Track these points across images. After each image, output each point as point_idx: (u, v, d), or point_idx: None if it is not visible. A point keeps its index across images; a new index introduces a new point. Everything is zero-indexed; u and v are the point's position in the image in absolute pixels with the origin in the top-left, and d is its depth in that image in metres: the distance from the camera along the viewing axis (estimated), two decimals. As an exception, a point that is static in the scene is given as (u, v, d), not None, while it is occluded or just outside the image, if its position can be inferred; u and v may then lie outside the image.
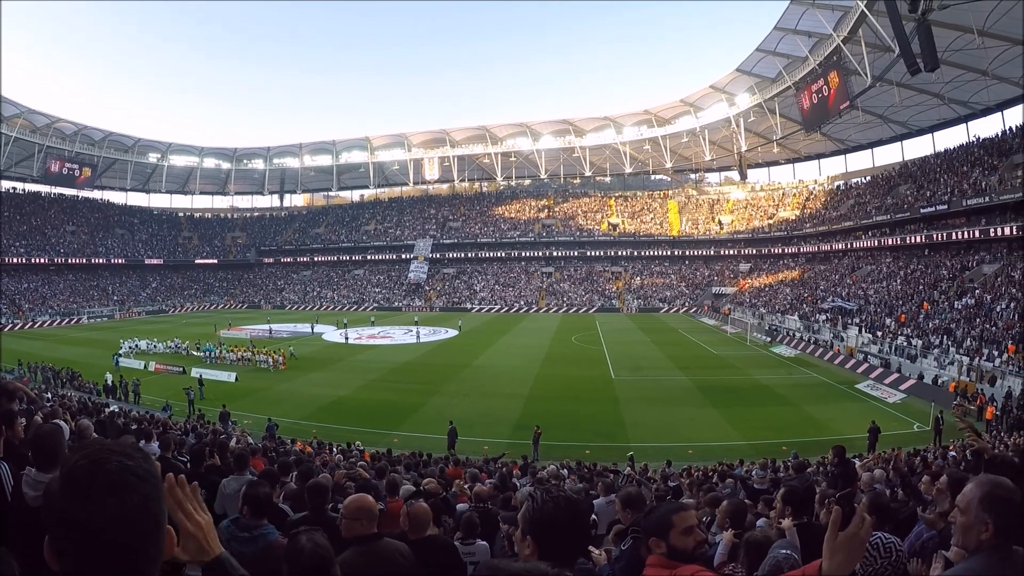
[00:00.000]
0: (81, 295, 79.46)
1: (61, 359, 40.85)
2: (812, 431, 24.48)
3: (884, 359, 34.68)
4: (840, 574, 1.91)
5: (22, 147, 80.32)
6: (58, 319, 70.61)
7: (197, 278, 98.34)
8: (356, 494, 4.25)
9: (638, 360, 41.19)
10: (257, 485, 4.72)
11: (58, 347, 49.35)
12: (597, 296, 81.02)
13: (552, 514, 2.34)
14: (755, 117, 70.32)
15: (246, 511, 4.40)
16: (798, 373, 36.80)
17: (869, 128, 65.31)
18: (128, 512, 1.15)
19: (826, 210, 70.85)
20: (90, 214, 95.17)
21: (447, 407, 29.26)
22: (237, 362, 41.59)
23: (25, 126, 78.54)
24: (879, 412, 27.05)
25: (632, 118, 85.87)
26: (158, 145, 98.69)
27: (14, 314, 67.68)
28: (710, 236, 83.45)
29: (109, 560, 1.15)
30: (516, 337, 54.47)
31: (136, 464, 1.21)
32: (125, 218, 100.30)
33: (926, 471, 9.30)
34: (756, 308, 59.01)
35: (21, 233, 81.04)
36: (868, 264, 54.74)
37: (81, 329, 65.40)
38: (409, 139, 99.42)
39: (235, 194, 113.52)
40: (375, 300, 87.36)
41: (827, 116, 55.71)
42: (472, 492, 9.18)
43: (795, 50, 56.71)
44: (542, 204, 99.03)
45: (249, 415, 27.94)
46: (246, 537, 4.16)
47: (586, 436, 24.47)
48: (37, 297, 74.38)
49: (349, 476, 10.78)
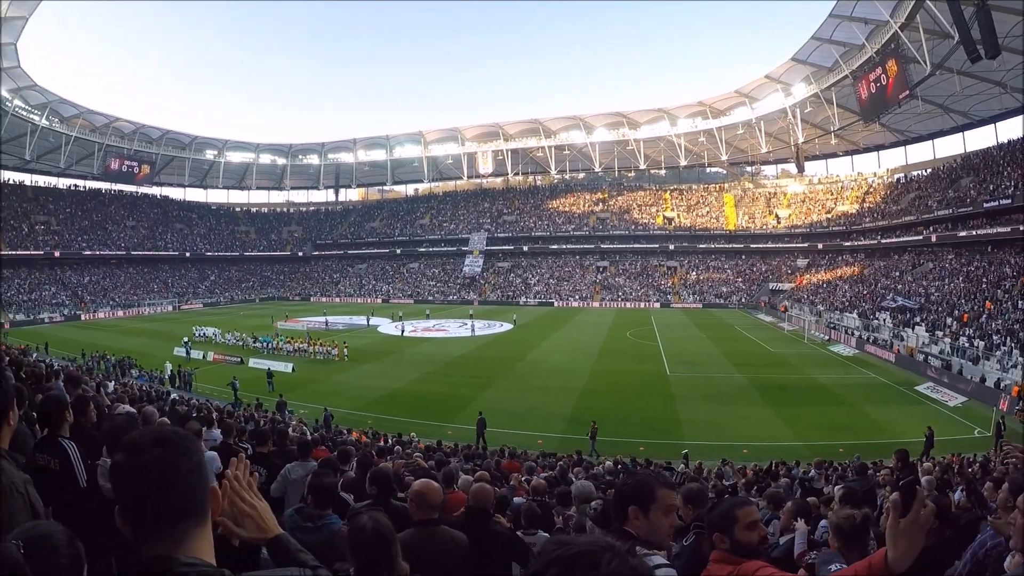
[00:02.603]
0: (141, 288, 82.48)
1: (122, 349, 42.54)
2: (870, 433, 24.13)
3: (945, 360, 33.92)
4: (905, 560, 1.95)
5: (82, 146, 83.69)
6: (119, 310, 73.43)
7: (254, 271, 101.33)
8: (422, 479, 4.46)
9: (693, 356, 40.99)
10: (322, 475, 4.79)
11: (119, 337, 51.29)
12: (652, 291, 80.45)
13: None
14: (812, 108, 68.91)
15: (311, 501, 4.48)
16: (856, 373, 36.26)
17: (929, 118, 63.21)
18: (171, 456, 1.43)
19: (886, 204, 69.22)
20: (149, 209, 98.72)
21: (501, 400, 29.71)
22: (293, 353, 42.61)
23: (85, 126, 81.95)
24: (939, 415, 26.69)
25: (686, 110, 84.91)
26: (214, 142, 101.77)
27: (76, 305, 70.84)
28: (767, 230, 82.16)
29: (162, 499, 1.41)
30: (570, 331, 54.69)
31: (177, 430, 1.55)
32: (183, 213, 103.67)
33: (987, 477, 9.35)
34: (814, 305, 58.18)
35: (83, 228, 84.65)
36: (929, 261, 53.24)
37: (141, 320, 67.93)
38: (462, 133, 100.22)
39: (291, 189, 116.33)
40: (430, 293, 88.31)
41: (886, 106, 54.52)
42: (530, 486, 9.50)
43: (852, 38, 55.43)
44: (596, 198, 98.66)
45: (305, 405, 28.73)
46: (310, 527, 4.24)
47: (640, 432, 24.49)
48: (99, 289, 77.60)
49: (408, 466, 11.03)
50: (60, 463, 3.86)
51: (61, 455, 3.89)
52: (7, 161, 79.29)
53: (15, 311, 64.60)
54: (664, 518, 2.56)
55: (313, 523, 4.24)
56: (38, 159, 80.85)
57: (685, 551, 3.55)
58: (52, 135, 78.28)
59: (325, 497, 4.43)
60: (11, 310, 64.33)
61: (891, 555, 1.95)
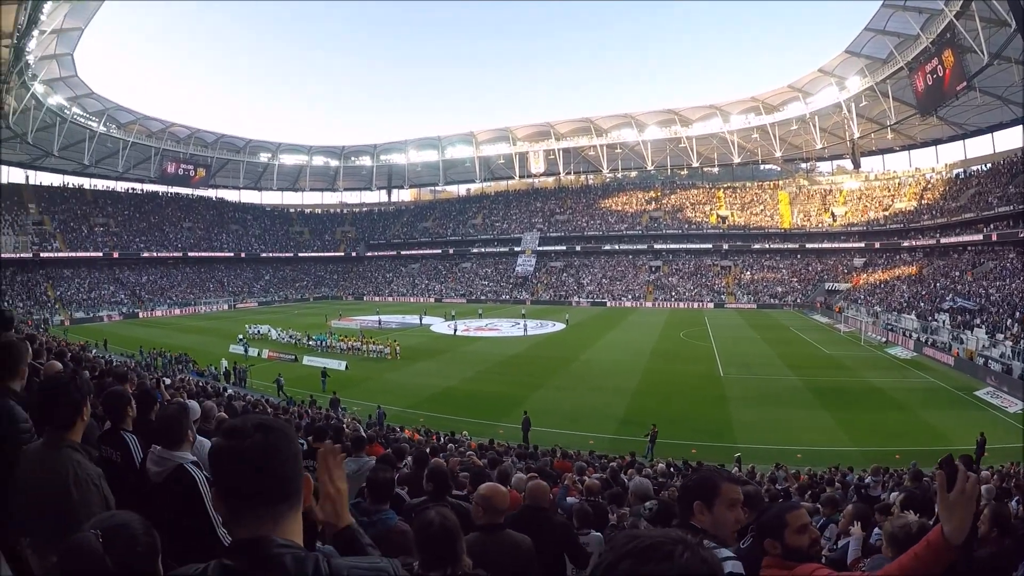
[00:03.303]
0: (197, 287, 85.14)
1: (179, 346, 43.96)
2: (926, 439, 23.64)
3: (1005, 364, 33.26)
4: (961, 532, 2.03)
5: (139, 151, 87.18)
6: (176, 308, 76.22)
7: (308, 271, 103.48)
8: (489, 483, 4.53)
9: (747, 358, 40.70)
10: (380, 470, 4.77)
11: (176, 335, 53.03)
12: (706, 291, 79.80)
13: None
14: (867, 101, 67.85)
15: (368, 495, 4.46)
16: (913, 376, 35.67)
17: (988, 111, 61.34)
18: (272, 442, 1.52)
19: (944, 200, 67.52)
20: (205, 211, 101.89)
21: (553, 400, 29.97)
22: (347, 351, 43.51)
23: (141, 131, 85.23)
24: (998, 421, 26.28)
25: (739, 106, 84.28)
26: (268, 145, 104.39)
27: (135, 303, 73.92)
28: (822, 229, 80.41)
29: (261, 482, 1.51)
30: (623, 332, 54.76)
31: (277, 419, 1.68)
32: (238, 214, 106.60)
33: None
34: (870, 306, 57.24)
35: (141, 230, 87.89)
36: (990, 260, 52.02)
37: (197, 318, 70.10)
38: (514, 133, 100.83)
39: (344, 190, 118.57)
40: (482, 293, 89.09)
41: (943, 98, 53.56)
42: (583, 486, 9.61)
43: (906, 28, 54.43)
44: (649, 196, 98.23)
45: (358, 403, 29.31)
46: (366, 522, 4.16)
47: (692, 435, 24.40)
48: (156, 288, 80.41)
49: (463, 464, 11.13)
50: (122, 456, 4.04)
51: (123, 448, 4.07)
52: (67, 166, 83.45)
53: (75, 309, 67.83)
54: (729, 512, 2.60)
55: (368, 517, 4.23)
56: (96, 164, 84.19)
57: (742, 553, 3.48)
58: (110, 140, 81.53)
59: (383, 492, 4.44)
60: (71, 308, 67.62)
61: (947, 529, 2.05)
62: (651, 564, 1.12)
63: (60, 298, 69.29)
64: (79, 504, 2.75)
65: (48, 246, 74.61)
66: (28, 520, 2.83)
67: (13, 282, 66.97)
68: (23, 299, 63.75)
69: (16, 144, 69.55)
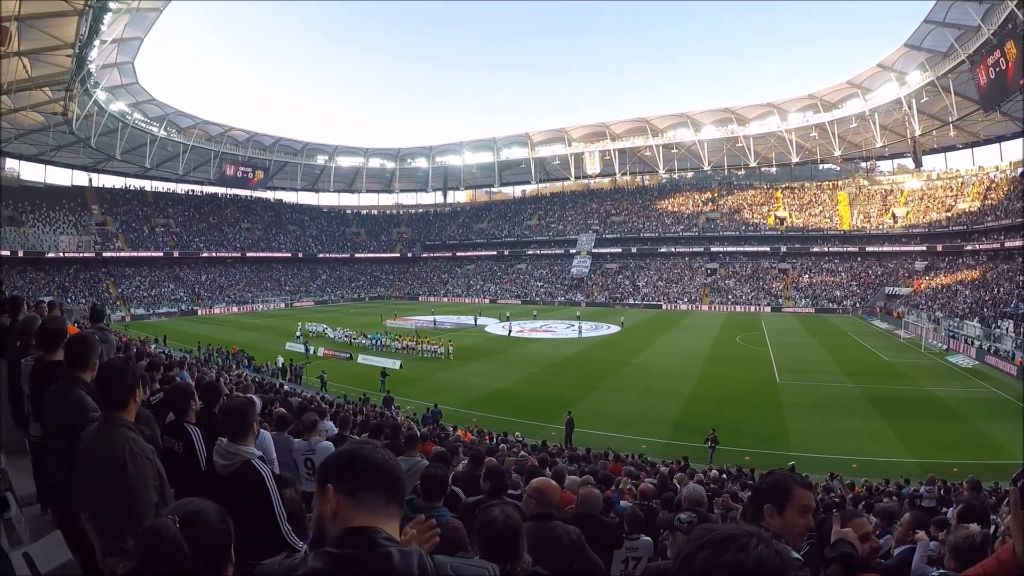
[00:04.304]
0: (255, 285, 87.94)
1: (236, 342, 45.54)
2: (987, 452, 23.18)
3: (1071, 374, 32.69)
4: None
5: (199, 154, 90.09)
6: (234, 306, 78.97)
7: (364, 271, 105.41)
8: (542, 478, 4.69)
9: (804, 364, 40.25)
10: (434, 467, 4.82)
11: (233, 332, 54.72)
12: (763, 294, 79.03)
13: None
14: (928, 97, 65.68)
15: (421, 492, 4.49)
16: (975, 386, 34.87)
17: None
18: (387, 459, 1.74)
19: (1009, 200, 65.39)
20: (263, 212, 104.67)
21: (606, 403, 30.22)
22: (402, 351, 44.13)
23: (201, 135, 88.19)
24: (1062, 435, 25.90)
25: (796, 103, 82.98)
26: (325, 148, 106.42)
27: (194, 301, 76.94)
28: (883, 230, 78.66)
29: (390, 483, 1.71)
30: (678, 335, 54.75)
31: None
32: (296, 215, 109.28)
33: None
34: (932, 311, 56.15)
35: (200, 230, 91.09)
36: (1057, 263, 50.76)
37: (255, 316, 72.46)
38: (569, 133, 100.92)
39: (400, 192, 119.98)
40: (537, 294, 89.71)
41: (1007, 92, 51.85)
42: (638, 490, 9.64)
43: (966, 19, 53.00)
44: (705, 197, 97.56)
45: (412, 401, 29.76)
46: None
47: (747, 441, 24.19)
48: (215, 287, 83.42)
49: (518, 463, 11.30)
50: (184, 447, 4.20)
51: (186, 439, 4.22)
52: (129, 169, 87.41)
53: (135, 306, 70.96)
54: (800, 518, 2.57)
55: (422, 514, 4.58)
56: (157, 167, 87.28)
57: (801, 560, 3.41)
58: (170, 144, 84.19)
59: (436, 489, 4.47)
60: (131, 304, 70.73)
61: (1019, 548, 2.00)
62: (728, 554, 1.18)
63: (122, 295, 72.42)
64: (135, 477, 2.97)
65: (110, 245, 78.01)
66: (89, 496, 3.08)
67: (76, 280, 70.62)
68: (86, 296, 66.41)
69: (80, 148, 73.13)
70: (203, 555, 1.71)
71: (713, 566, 1.18)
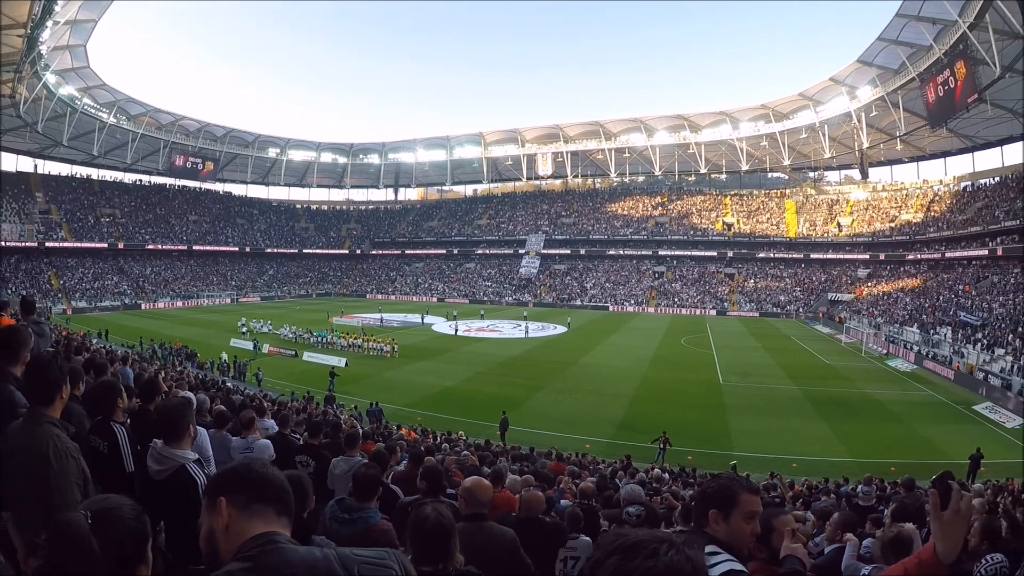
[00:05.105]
0: (201, 279, 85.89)
1: (180, 338, 44.17)
2: (923, 453, 23.64)
3: (1005, 379, 33.12)
4: (953, 551, 2.01)
5: (148, 143, 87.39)
6: (178, 300, 76.96)
7: (312, 267, 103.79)
8: (474, 476, 4.54)
9: (747, 366, 40.58)
10: (366, 467, 4.76)
11: (177, 327, 53.22)
12: (709, 298, 79.65)
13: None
14: (877, 111, 67.11)
15: (353, 492, 4.41)
16: (913, 389, 35.55)
17: (999, 124, 60.55)
18: (277, 475, 1.76)
19: (951, 213, 67.31)
20: (212, 204, 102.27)
21: (552, 403, 30.12)
22: (347, 348, 43.51)
23: (151, 123, 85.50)
24: (996, 436, 26.24)
25: (748, 112, 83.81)
26: (277, 140, 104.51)
27: (137, 295, 74.51)
28: (828, 238, 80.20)
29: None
30: (624, 336, 54.73)
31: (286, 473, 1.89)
32: (245, 209, 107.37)
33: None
34: (873, 317, 57.04)
35: (147, 221, 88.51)
36: (994, 274, 51.90)
37: (199, 311, 70.59)
38: (522, 134, 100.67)
39: (351, 187, 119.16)
40: (485, 294, 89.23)
41: (954, 110, 53.31)
42: (578, 488, 9.64)
43: (919, 38, 54.20)
44: (656, 201, 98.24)
45: (356, 399, 29.14)
46: (346, 519, 4.21)
47: (689, 441, 24.20)
48: (160, 280, 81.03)
49: (458, 462, 11.25)
50: (109, 447, 4.04)
51: (111, 439, 4.07)
52: (75, 156, 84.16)
53: (77, 298, 68.34)
54: (745, 524, 2.51)
55: (349, 515, 4.24)
56: (105, 155, 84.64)
57: None
58: (119, 132, 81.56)
59: (368, 489, 4.39)
60: (73, 297, 68.11)
61: (939, 548, 2.02)
62: (636, 560, 1.15)
63: (64, 287, 69.73)
64: (58, 475, 2.83)
65: (54, 235, 75.13)
66: (11, 494, 2.87)
67: (17, 270, 67.48)
68: (26, 287, 63.75)
69: (26, 133, 70.08)
70: (113, 553, 1.66)
71: (621, 572, 1.19)
